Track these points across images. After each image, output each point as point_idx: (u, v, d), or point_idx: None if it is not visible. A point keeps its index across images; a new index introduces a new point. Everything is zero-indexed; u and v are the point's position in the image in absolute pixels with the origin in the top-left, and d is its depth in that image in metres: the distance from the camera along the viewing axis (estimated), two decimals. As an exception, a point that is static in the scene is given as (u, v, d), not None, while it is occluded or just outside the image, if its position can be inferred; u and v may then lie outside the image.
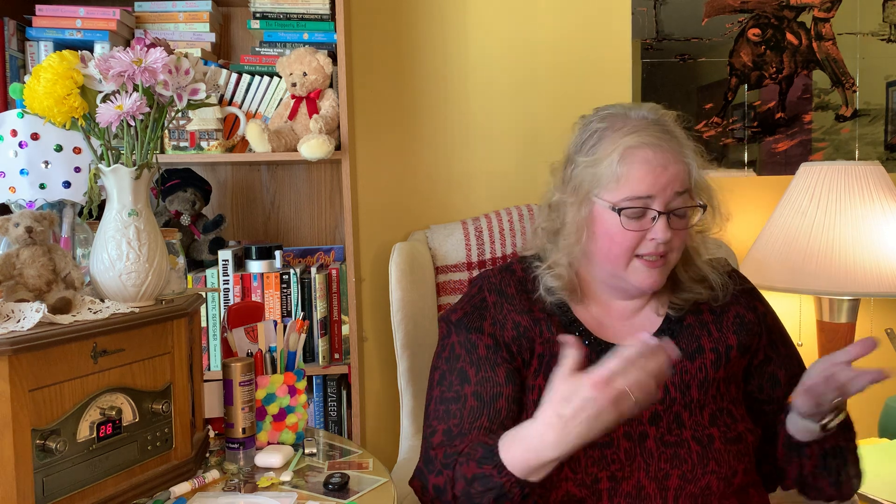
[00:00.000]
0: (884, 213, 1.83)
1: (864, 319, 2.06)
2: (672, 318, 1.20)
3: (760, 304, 1.26)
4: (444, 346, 1.21)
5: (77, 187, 1.21)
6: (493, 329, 1.18)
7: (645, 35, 2.12)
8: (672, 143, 1.14)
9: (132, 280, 1.07)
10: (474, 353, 1.17)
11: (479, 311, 1.20)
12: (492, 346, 1.17)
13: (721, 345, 1.18)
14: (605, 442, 1.08)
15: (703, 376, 1.15)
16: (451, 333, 1.21)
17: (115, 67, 1.02)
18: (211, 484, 1.13)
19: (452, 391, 1.15)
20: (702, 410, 1.13)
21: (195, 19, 1.83)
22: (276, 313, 1.76)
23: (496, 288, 1.22)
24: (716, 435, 1.11)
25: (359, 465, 1.21)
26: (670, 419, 1.12)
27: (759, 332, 1.22)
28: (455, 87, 2.08)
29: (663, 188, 1.11)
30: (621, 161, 1.12)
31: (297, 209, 2.07)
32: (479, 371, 1.15)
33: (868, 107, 2.18)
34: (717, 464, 1.09)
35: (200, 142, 1.77)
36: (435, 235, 1.84)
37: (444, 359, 1.20)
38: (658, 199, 1.11)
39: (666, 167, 1.11)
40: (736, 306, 1.23)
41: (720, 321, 1.20)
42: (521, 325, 1.17)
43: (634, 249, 1.13)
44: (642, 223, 1.12)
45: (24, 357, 0.90)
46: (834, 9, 2.15)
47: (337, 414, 1.88)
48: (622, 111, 1.18)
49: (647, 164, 1.11)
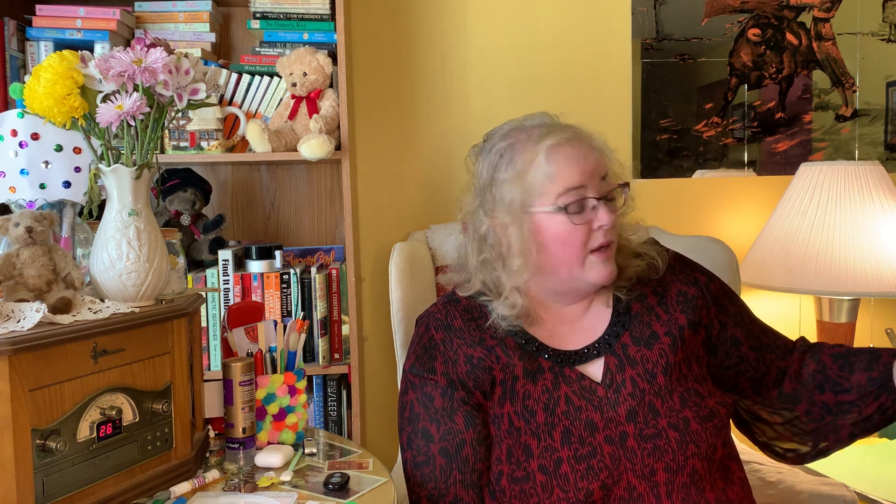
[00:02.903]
0: (884, 213, 1.83)
1: (864, 319, 2.06)
2: (620, 311, 1.20)
3: (701, 274, 1.26)
4: (403, 405, 1.21)
5: (77, 187, 1.21)
6: (446, 367, 1.17)
7: (645, 35, 2.12)
8: (579, 134, 1.17)
9: (132, 280, 1.07)
10: (431, 408, 1.16)
11: (428, 353, 1.19)
12: (447, 389, 1.16)
13: (673, 327, 1.18)
14: (588, 453, 1.08)
15: (665, 361, 1.15)
16: (408, 390, 1.20)
17: (115, 67, 1.03)
18: (211, 484, 1.13)
19: (422, 454, 1.16)
20: (671, 395, 1.13)
21: (195, 19, 1.83)
22: (276, 313, 1.76)
23: (443, 324, 1.20)
24: (689, 416, 1.11)
25: (359, 464, 1.21)
26: (645, 411, 1.12)
27: (705, 305, 1.22)
28: (455, 87, 2.08)
29: (590, 175, 1.14)
30: (548, 161, 1.14)
31: (297, 209, 2.07)
32: (439, 426, 1.15)
33: (868, 107, 2.18)
34: (695, 445, 1.09)
35: (200, 142, 1.77)
36: (435, 235, 1.84)
37: (406, 419, 1.20)
38: (589, 186, 1.14)
39: (586, 156, 1.15)
40: (676, 283, 1.23)
41: (665, 302, 1.21)
42: (474, 357, 1.16)
43: (586, 245, 1.14)
44: (585, 215, 1.14)
45: (24, 357, 0.90)
46: (834, 9, 2.15)
47: (337, 414, 1.88)
48: (517, 125, 1.21)
49: (572, 157, 1.14)
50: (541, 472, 1.08)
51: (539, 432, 1.11)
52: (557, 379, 1.14)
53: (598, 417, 1.11)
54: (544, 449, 1.10)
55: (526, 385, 1.14)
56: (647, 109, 2.14)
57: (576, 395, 1.13)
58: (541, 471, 1.08)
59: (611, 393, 1.13)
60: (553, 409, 1.12)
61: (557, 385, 1.14)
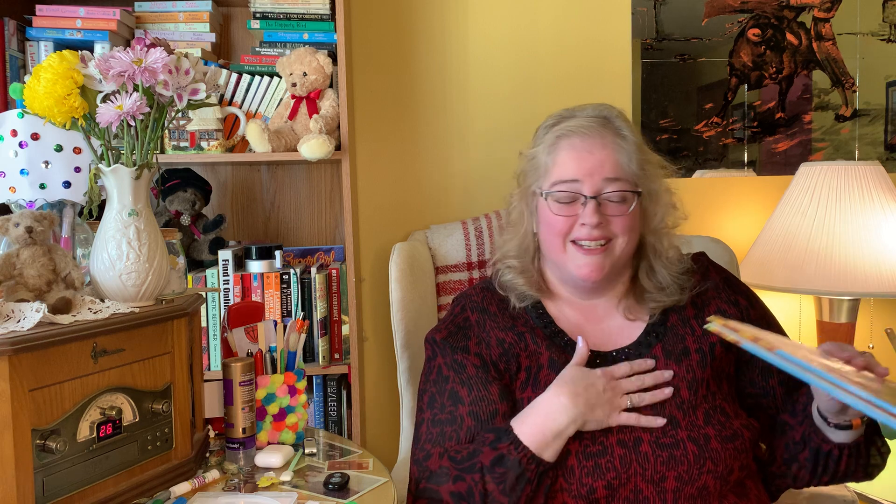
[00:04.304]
0: (884, 213, 1.83)
1: (864, 319, 2.06)
2: (655, 322, 1.20)
3: (743, 297, 1.25)
4: (430, 368, 1.22)
5: (77, 187, 1.21)
6: (479, 348, 1.19)
7: (645, 35, 2.12)
8: (604, 131, 1.18)
9: (132, 280, 1.07)
10: (463, 373, 1.17)
11: (463, 331, 1.21)
12: (479, 365, 1.17)
13: (704, 343, 1.18)
14: (598, 451, 1.09)
15: (692, 377, 1.15)
16: (437, 355, 1.21)
17: (115, 67, 1.03)
18: (211, 484, 1.13)
19: (446, 413, 1.16)
20: (695, 411, 1.13)
21: (195, 19, 1.83)
22: (276, 313, 1.76)
23: (479, 307, 1.23)
24: (711, 434, 1.11)
25: (359, 465, 1.21)
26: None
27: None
28: (455, 87, 2.08)
29: (590, 172, 1.15)
30: (550, 150, 1.19)
31: (297, 209, 2.07)
32: (471, 391, 1.16)
33: (868, 107, 2.18)
34: (713, 463, 1.08)
35: (200, 142, 1.77)
36: (435, 235, 1.84)
37: (431, 381, 1.20)
38: (586, 183, 1.15)
39: (592, 152, 1.16)
40: (717, 300, 1.22)
41: (702, 316, 1.20)
42: (506, 341, 1.18)
43: (567, 234, 1.17)
44: (572, 208, 1.16)
45: (24, 357, 0.90)
46: (834, 9, 2.15)
47: (337, 414, 1.88)
48: (571, 112, 1.24)
49: (573, 150, 1.17)
50: None
51: None
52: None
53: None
54: None
55: (549, 375, 1.15)
56: (647, 109, 2.14)
57: None
58: None
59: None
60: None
61: None
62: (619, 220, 1.16)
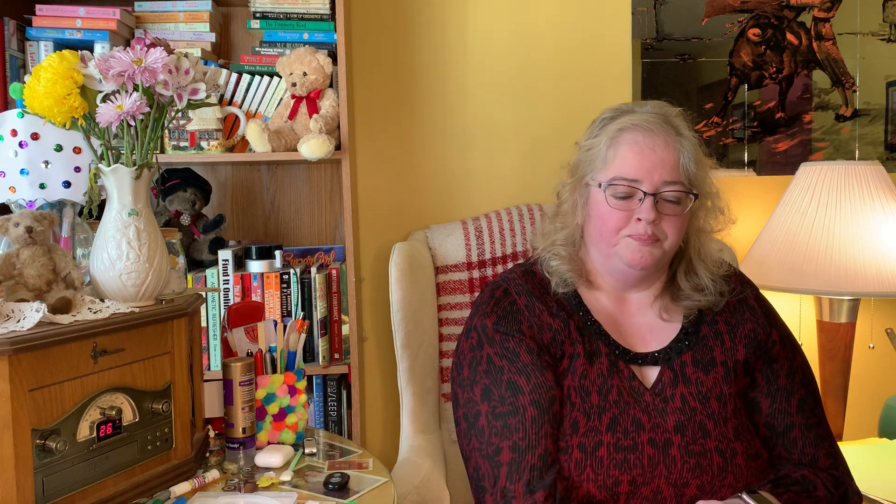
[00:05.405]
0: (884, 213, 1.83)
1: (864, 319, 2.06)
2: (689, 330, 1.20)
3: (777, 332, 1.24)
4: (477, 358, 1.18)
5: (77, 187, 1.21)
6: (532, 332, 1.17)
7: (645, 35, 2.12)
8: (665, 129, 1.16)
9: (132, 280, 1.07)
10: (518, 362, 1.15)
11: (513, 315, 1.18)
12: (534, 349, 1.15)
13: (730, 358, 1.18)
14: (629, 446, 1.09)
15: (720, 390, 1.15)
16: (484, 344, 1.18)
17: (115, 67, 1.03)
18: (211, 484, 1.13)
19: (507, 404, 1.12)
20: (725, 423, 1.13)
21: (195, 19, 1.83)
22: (276, 313, 1.76)
23: (524, 290, 1.21)
24: (739, 450, 1.11)
25: (359, 464, 1.21)
26: (695, 428, 1.12)
27: (760, 357, 1.21)
28: (455, 87, 2.08)
29: (650, 171, 1.14)
30: (611, 143, 1.17)
31: (297, 209, 2.07)
32: (529, 379, 1.13)
33: (868, 107, 2.18)
34: (734, 478, 1.09)
35: (200, 142, 1.77)
36: (435, 235, 1.84)
37: (481, 371, 1.16)
38: (645, 182, 1.14)
39: (654, 150, 1.14)
40: (754, 323, 1.22)
41: (734, 332, 1.21)
42: (553, 326, 1.18)
43: (622, 229, 1.16)
44: (629, 203, 1.15)
45: (24, 357, 0.90)
46: (834, 9, 2.15)
47: (337, 414, 1.88)
48: (631, 107, 1.23)
49: (635, 146, 1.15)
50: (579, 449, 1.09)
51: (590, 412, 1.12)
52: (612, 369, 1.16)
53: (646, 420, 1.12)
54: (589, 429, 1.10)
55: (585, 365, 1.15)
56: (647, 109, 2.14)
57: (625, 390, 1.14)
58: (579, 448, 1.09)
59: (658, 402, 1.14)
60: (606, 394, 1.13)
61: (612, 374, 1.15)
62: (673, 220, 1.15)
